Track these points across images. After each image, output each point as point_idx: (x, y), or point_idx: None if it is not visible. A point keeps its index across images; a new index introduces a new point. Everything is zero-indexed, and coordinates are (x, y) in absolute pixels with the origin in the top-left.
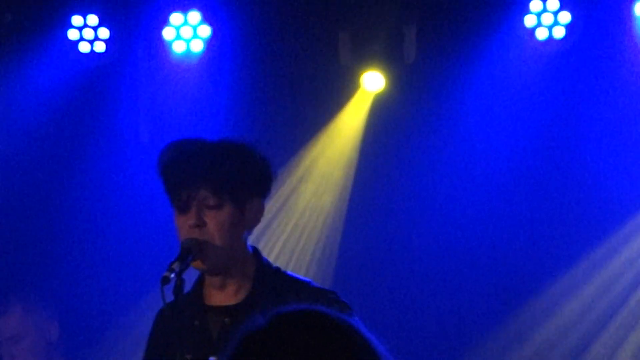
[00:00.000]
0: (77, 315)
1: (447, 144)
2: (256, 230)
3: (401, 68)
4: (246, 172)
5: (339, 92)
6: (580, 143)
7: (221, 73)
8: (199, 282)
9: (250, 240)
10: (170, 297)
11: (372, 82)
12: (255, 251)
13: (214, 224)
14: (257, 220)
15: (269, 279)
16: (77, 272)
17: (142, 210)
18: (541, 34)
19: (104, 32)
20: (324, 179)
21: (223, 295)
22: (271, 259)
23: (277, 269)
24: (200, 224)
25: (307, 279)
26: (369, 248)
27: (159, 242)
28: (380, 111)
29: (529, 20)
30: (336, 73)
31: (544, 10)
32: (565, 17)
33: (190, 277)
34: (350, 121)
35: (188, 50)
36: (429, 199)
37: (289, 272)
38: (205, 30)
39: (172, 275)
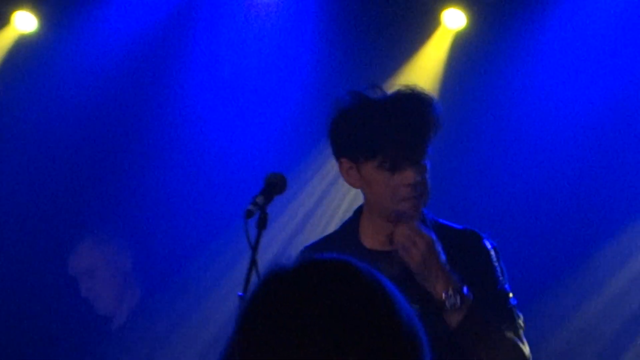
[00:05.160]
0: (152, 245)
1: (528, 83)
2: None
3: (482, 5)
4: None
5: (418, 29)
6: None
7: (301, 12)
8: (354, 222)
9: None
10: (254, 230)
11: (453, 19)
12: None
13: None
14: None
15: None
16: (151, 202)
17: (218, 152)
18: None
19: None
20: None
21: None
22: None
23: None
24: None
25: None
26: (446, 188)
27: (236, 181)
28: (461, 49)
29: None
30: (416, 10)
31: None
32: None
33: None
34: (431, 58)
35: None
36: (509, 139)
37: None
38: None
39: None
